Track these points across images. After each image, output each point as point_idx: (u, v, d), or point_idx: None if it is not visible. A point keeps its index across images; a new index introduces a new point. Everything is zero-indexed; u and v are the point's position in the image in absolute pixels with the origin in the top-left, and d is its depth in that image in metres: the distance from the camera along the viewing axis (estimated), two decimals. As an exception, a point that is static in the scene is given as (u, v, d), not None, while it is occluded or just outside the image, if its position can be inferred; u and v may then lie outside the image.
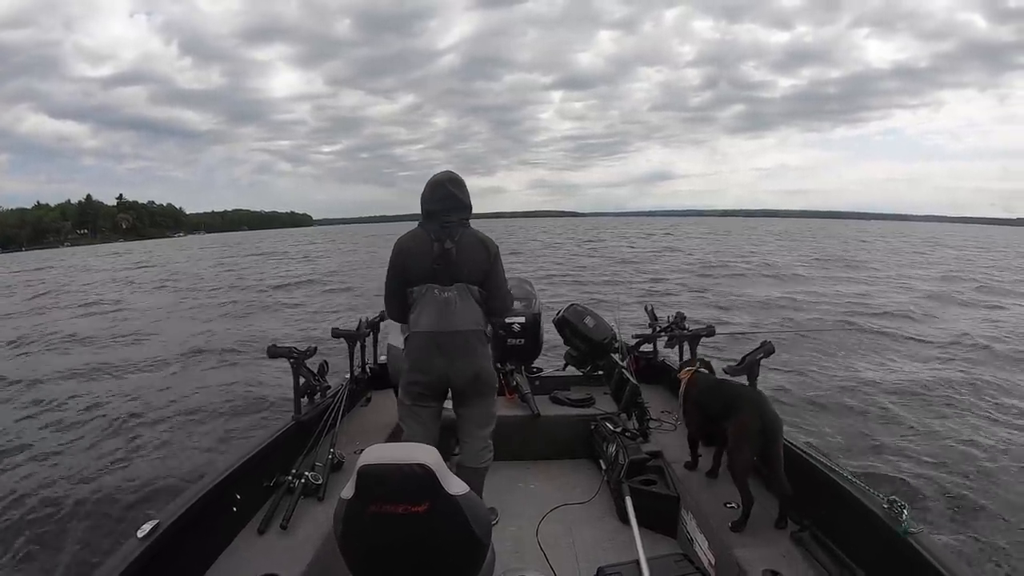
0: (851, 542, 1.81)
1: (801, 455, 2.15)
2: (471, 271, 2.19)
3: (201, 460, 5.03)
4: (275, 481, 2.33)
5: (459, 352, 2.19)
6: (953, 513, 3.74)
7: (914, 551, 1.54)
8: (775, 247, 36.45)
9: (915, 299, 13.48)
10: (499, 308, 2.31)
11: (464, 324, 2.19)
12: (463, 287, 2.18)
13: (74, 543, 3.78)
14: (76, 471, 4.91)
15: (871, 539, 1.72)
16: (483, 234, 2.27)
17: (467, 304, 2.19)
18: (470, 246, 2.21)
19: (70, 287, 23.33)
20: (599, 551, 2.36)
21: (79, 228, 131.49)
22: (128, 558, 1.57)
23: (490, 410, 2.35)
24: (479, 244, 2.23)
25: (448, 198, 2.21)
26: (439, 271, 2.18)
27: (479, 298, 2.22)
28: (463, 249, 2.19)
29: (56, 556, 3.66)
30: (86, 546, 3.73)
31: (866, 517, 1.75)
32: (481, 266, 2.21)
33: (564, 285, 16.05)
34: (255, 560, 1.91)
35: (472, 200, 2.28)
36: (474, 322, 2.21)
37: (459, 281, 2.18)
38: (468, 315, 2.19)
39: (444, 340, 2.18)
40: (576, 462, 3.18)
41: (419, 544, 1.25)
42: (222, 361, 8.92)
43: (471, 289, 2.19)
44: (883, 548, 1.66)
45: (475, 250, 2.21)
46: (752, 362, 2.47)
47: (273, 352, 2.78)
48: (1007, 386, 6.57)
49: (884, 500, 1.72)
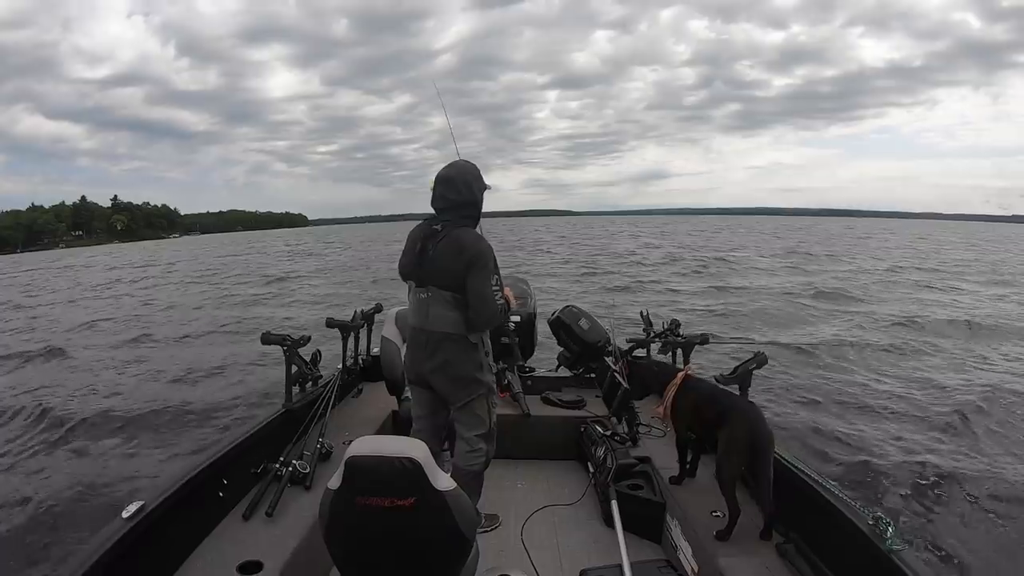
0: (835, 556, 1.81)
1: (788, 467, 2.15)
2: (442, 277, 2.13)
3: (188, 446, 5.03)
4: (263, 468, 2.32)
5: (434, 351, 2.19)
6: (937, 532, 3.76)
7: (897, 568, 1.55)
8: (748, 241, 40.37)
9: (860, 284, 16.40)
10: (476, 321, 2.15)
11: (438, 326, 2.17)
12: (436, 291, 2.15)
13: (59, 523, 3.78)
14: (61, 454, 4.90)
15: (855, 554, 1.73)
16: (470, 238, 2.15)
17: (440, 308, 2.15)
18: (446, 252, 2.12)
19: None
20: (583, 553, 2.36)
21: (74, 230, 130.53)
22: (112, 538, 1.57)
23: (475, 413, 2.27)
24: (456, 249, 2.11)
25: (439, 198, 2.20)
26: (415, 271, 2.21)
27: (454, 303, 2.14)
28: (439, 254, 2.14)
29: (42, 536, 3.66)
30: (71, 526, 3.73)
31: (851, 532, 1.75)
32: (454, 273, 2.11)
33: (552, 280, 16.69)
34: (239, 546, 1.91)
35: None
36: (448, 325, 2.15)
37: (431, 284, 2.16)
38: (441, 319, 2.16)
39: (422, 338, 2.22)
40: (564, 463, 3.18)
41: (404, 537, 1.25)
42: (213, 344, 8.91)
43: (443, 294, 2.14)
44: (867, 564, 1.66)
45: (449, 256, 2.12)
46: (745, 372, 2.47)
47: (266, 339, 2.77)
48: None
49: (870, 516, 1.72)
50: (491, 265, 2.14)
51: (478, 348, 2.22)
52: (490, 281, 2.12)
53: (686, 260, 24.92)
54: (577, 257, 27.77)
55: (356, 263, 28.92)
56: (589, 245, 38.26)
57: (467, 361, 2.20)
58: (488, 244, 2.19)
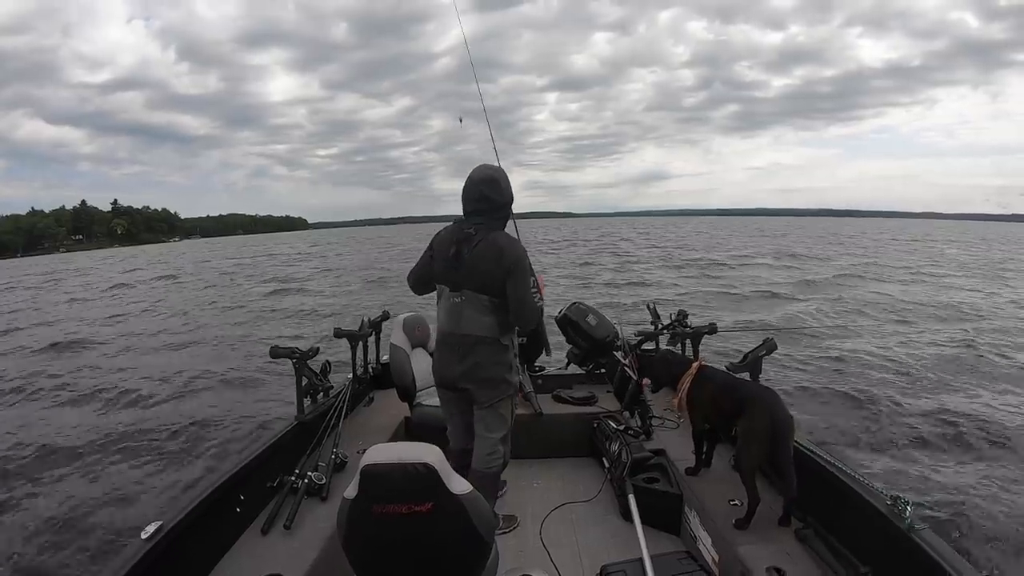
0: (855, 539, 1.80)
1: (804, 452, 2.14)
2: (481, 281, 2.12)
3: (204, 463, 5.05)
4: (278, 481, 2.33)
5: (466, 355, 2.18)
6: (958, 509, 3.74)
7: (918, 547, 1.54)
8: (731, 240, 41.90)
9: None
10: (520, 322, 2.18)
11: (471, 329, 2.16)
12: (471, 295, 2.14)
13: (79, 545, 3.80)
14: (80, 473, 4.93)
15: (875, 536, 1.72)
16: (507, 240, 2.15)
17: (474, 312, 2.15)
18: (484, 255, 2.11)
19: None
20: (602, 549, 2.36)
21: (74, 234, 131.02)
22: (132, 559, 1.58)
23: (499, 413, 2.27)
24: (494, 254, 2.10)
25: (479, 200, 2.15)
26: (450, 275, 2.18)
27: (490, 307, 2.14)
28: (476, 257, 2.12)
29: (62, 558, 3.68)
30: (91, 548, 3.75)
31: (870, 514, 1.74)
32: (493, 277, 2.11)
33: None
34: (258, 560, 1.91)
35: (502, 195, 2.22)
36: (482, 329, 2.16)
37: (467, 288, 2.15)
38: (475, 322, 2.16)
39: (453, 341, 2.21)
40: (579, 460, 3.18)
41: (422, 543, 1.25)
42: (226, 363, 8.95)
43: (479, 298, 2.13)
44: (887, 544, 1.65)
45: (487, 260, 2.10)
46: (755, 359, 2.46)
47: (275, 352, 2.78)
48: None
49: (887, 497, 1.71)
50: (528, 267, 2.15)
51: (508, 350, 2.23)
52: (529, 284, 2.13)
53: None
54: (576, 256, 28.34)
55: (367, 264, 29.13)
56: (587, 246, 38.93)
57: (498, 363, 2.21)
58: (523, 247, 2.21)
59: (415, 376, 3.15)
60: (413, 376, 3.14)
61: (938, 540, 1.57)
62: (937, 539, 1.57)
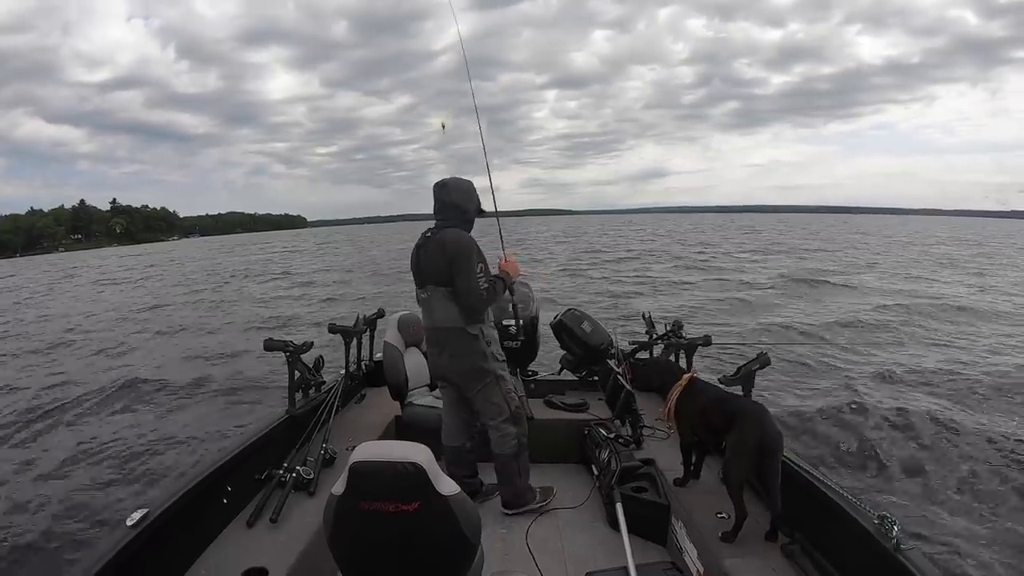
0: (842, 556, 1.80)
1: (793, 468, 2.14)
2: (433, 273, 2.35)
3: (193, 451, 5.03)
4: (266, 474, 2.32)
5: (444, 347, 2.40)
6: (944, 530, 3.74)
7: (903, 567, 1.54)
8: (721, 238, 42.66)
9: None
10: (467, 309, 2.34)
11: (441, 321, 2.38)
12: (433, 288, 2.36)
13: (62, 533, 3.77)
14: (66, 458, 4.90)
15: (861, 553, 1.72)
16: (453, 235, 2.33)
17: (440, 304, 2.36)
18: (433, 250, 2.34)
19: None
20: (588, 556, 2.36)
21: (73, 233, 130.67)
22: (117, 546, 1.57)
23: (491, 401, 2.44)
24: (439, 247, 2.33)
25: (436, 204, 2.41)
26: (416, 274, 2.45)
27: (450, 296, 2.33)
28: (429, 253, 2.36)
29: (47, 543, 3.65)
30: (76, 534, 3.72)
31: (856, 532, 1.74)
32: (440, 268, 2.32)
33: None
34: (243, 552, 1.91)
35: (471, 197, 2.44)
36: (449, 319, 2.35)
37: (428, 283, 2.38)
38: (442, 312, 2.37)
39: (432, 336, 2.47)
40: (568, 466, 3.18)
41: (408, 543, 1.25)
42: (220, 353, 8.92)
43: (439, 290, 2.35)
44: (873, 563, 1.65)
45: (434, 253, 2.34)
46: (748, 373, 2.47)
47: (269, 345, 2.78)
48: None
49: (875, 515, 1.71)
50: (473, 256, 2.30)
51: (478, 338, 2.39)
52: (473, 271, 2.28)
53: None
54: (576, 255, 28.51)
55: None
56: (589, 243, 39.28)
57: (470, 352, 2.38)
58: (469, 238, 2.37)
59: (408, 375, 3.14)
60: (406, 375, 3.13)
61: (924, 560, 1.57)
62: (923, 559, 1.58)
